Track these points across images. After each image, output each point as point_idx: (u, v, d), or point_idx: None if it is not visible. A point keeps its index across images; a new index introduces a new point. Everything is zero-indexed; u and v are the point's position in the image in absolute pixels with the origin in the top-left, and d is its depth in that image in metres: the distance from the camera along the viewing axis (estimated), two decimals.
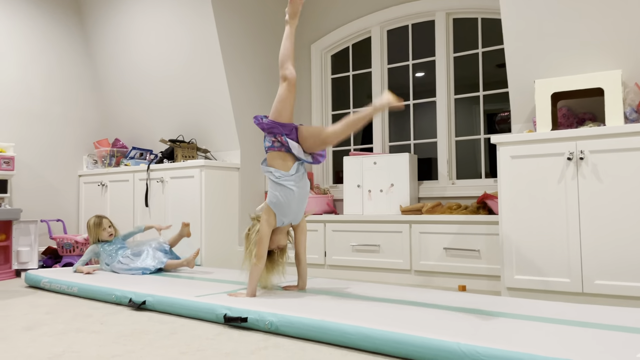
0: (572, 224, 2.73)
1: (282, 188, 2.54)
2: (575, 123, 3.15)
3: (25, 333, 2.19)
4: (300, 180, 2.58)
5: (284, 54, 2.65)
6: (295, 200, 2.58)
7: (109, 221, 3.80)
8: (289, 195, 2.55)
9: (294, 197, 2.56)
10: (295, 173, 2.55)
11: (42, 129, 4.82)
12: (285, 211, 2.57)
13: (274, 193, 2.56)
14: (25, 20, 4.75)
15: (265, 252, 2.56)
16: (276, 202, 2.56)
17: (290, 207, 2.57)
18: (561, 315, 2.07)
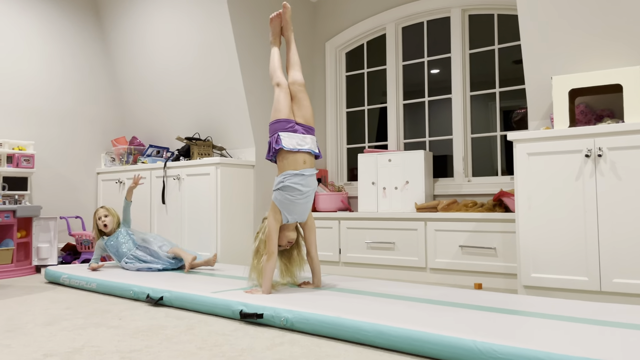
0: (590, 221, 2.71)
1: (286, 186, 2.57)
2: (593, 120, 3.11)
3: (46, 328, 2.23)
4: (306, 179, 2.60)
5: (271, 67, 2.84)
6: (301, 199, 2.61)
7: (105, 210, 3.73)
8: (294, 193, 2.57)
9: (300, 196, 2.59)
10: (301, 172, 2.60)
11: (61, 127, 4.89)
12: (290, 209, 2.60)
13: (279, 191, 2.60)
14: (44, 22, 4.81)
15: (275, 247, 2.58)
16: (281, 199, 2.59)
17: (296, 206, 2.60)
18: (579, 313, 2.05)
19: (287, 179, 2.58)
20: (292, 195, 2.58)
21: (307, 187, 2.61)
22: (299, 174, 2.58)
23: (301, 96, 2.74)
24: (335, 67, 4.98)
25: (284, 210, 2.60)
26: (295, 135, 2.64)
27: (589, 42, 3.04)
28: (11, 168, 4.29)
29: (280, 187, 2.58)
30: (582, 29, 3.04)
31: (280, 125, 2.65)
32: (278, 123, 2.66)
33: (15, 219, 4.02)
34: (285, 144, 2.60)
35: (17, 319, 2.41)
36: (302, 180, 2.59)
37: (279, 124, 2.66)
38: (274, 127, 2.68)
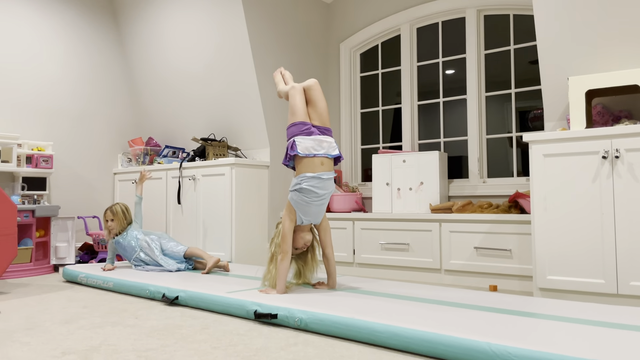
0: (607, 223, 2.68)
1: (302, 188, 2.58)
2: (610, 121, 3.08)
3: (64, 326, 2.26)
4: (323, 182, 2.60)
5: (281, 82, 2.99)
6: (317, 202, 2.61)
7: (110, 214, 3.69)
8: (310, 195, 2.58)
9: (316, 198, 2.60)
10: (318, 174, 2.60)
11: (79, 128, 4.96)
12: (305, 210, 2.61)
13: (296, 193, 2.61)
14: (63, 24, 4.88)
15: (289, 247, 2.59)
16: (297, 200, 2.60)
17: (311, 207, 2.61)
18: (595, 316, 2.03)
19: (304, 182, 2.58)
20: (308, 197, 2.58)
21: (323, 190, 2.61)
22: (316, 176, 2.58)
23: (316, 97, 2.74)
24: (349, 68, 4.98)
25: (299, 211, 2.61)
26: (311, 139, 2.63)
27: (606, 42, 3.01)
28: (30, 168, 4.36)
29: (297, 188, 2.59)
30: (599, 29, 3.01)
31: (297, 128, 2.66)
32: (294, 126, 2.67)
33: (34, 219, 4.09)
34: (301, 149, 2.59)
35: (36, 317, 2.45)
36: (319, 183, 2.59)
37: (295, 127, 2.67)
38: (290, 130, 2.69)
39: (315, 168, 2.59)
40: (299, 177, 2.61)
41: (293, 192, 2.62)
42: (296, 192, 2.60)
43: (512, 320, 1.97)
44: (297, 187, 2.59)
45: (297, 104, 2.72)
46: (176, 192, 4.55)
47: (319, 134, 2.67)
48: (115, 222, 3.68)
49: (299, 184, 2.59)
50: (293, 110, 2.72)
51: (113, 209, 3.73)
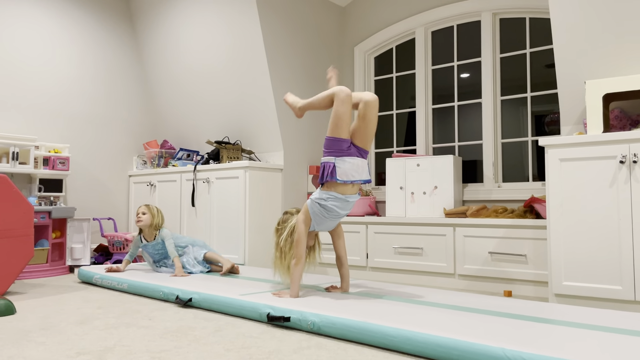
0: (625, 229, 2.64)
1: (325, 205, 2.56)
2: (628, 125, 3.04)
3: (79, 326, 2.28)
4: (347, 204, 2.58)
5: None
6: (335, 218, 2.63)
7: (145, 208, 3.63)
8: (331, 212, 2.58)
9: (335, 215, 2.60)
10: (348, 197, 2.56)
11: (95, 131, 5.01)
12: (321, 222, 2.62)
13: (318, 205, 2.57)
14: (79, 28, 4.95)
15: (303, 251, 2.59)
16: (317, 211, 2.59)
17: (327, 221, 2.63)
18: (612, 323, 2.00)
19: (329, 200, 2.54)
20: (328, 213, 2.58)
21: (345, 211, 2.60)
22: (344, 199, 2.55)
23: (371, 116, 2.55)
24: (364, 72, 4.98)
25: (315, 220, 2.61)
26: (350, 162, 2.50)
27: (624, 45, 2.98)
28: (47, 170, 4.42)
29: (321, 203, 2.55)
30: (616, 32, 2.98)
31: (338, 145, 2.50)
32: (336, 142, 2.51)
33: (50, 220, 4.14)
34: (339, 175, 2.48)
35: (52, 317, 2.48)
36: (343, 204, 2.56)
37: (337, 144, 2.51)
38: (330, 144, 2.53)
39: (346, 190, 2.54)
40: (326, 193, 2.54)
41: (315, 203, 2.58)
42: (318, 205, 2.57)
43: (526, 326, 1.95)
44: (321, 202, 2.55)
45: (345, 115, 2.51)
46: (190, 195, 4.57)
47: (358, 156, 2.54)
48: (147, 215, 3.59)
49: (324, 199, 2.54)
50: (339, 122, 2.51)
51: (150, 205, 3.68)
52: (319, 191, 2.59)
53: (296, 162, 4.57)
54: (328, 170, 2.50)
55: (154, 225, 3.60)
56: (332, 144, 2.52)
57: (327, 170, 2.50)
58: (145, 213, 3.61)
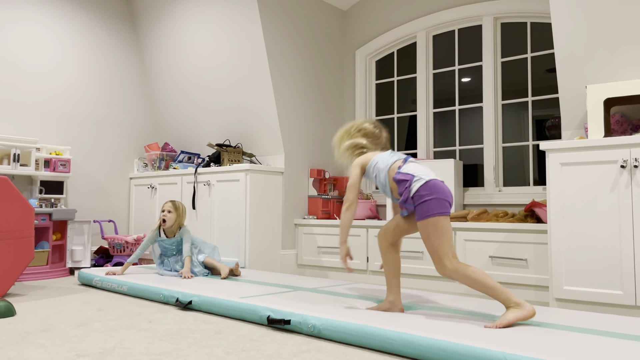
0: (626, 234, 2.64)
1: (378, 172, 2.32)
2: (629, 130, 3.04)
3: (79, 328, 2.28)
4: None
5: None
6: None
7: (171, 205, 3.57)
8: (385, 189, 2.34)
9: (378, 183, 2.37)
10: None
11: (96, 133, 5.02)
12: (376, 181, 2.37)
13: (376, 163, 2.33)
14: (81, 30, 4.96)
15: (356, 197, 2.36)
16: (380, 185, 2.34)
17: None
18: (612, 328, 2.00)
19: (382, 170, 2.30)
20: (380, 185, 2.35)
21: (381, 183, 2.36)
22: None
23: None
24: (365, 75, 4.99)
25: (372, 177, 2.36)
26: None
27: (625, 50, 2.98)
28: (48, 172, 4.42)
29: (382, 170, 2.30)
30: (617, 37, 2.98)
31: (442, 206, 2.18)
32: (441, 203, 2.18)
33: (51, 222, 4.14)
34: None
35: (51, 319, 2.48)
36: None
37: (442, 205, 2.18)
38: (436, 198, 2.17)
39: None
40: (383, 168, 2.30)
41: (375, 165, 2.33)
42: (374, 167, 2.33)
43: (527, 330, 1.95)
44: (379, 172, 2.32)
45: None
46: (191, 198, 4.57)
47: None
48: (172, 214, 3.54)
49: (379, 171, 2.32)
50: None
51: (176, 203, 3.61)
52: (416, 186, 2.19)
53: (297, 166, 4.57)
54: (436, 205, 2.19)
55: (177, 224, 3.58)
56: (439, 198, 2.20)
57: (435, 205, 2.19)
58: (170, 212, 3.56)
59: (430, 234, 2.15)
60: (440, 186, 2.19)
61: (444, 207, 2.16)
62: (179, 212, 3.60)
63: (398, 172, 2.24)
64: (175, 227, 3.58)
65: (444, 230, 2.14)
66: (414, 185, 2.17)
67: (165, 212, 3.57)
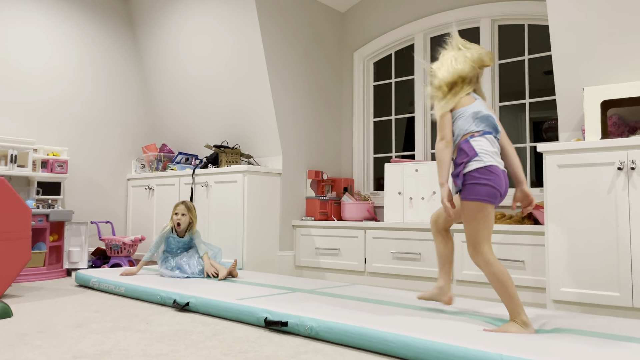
0: (623, 236, 2.64)
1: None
2: (626, 132, 3.05)
3: (75, 330, 2.27)
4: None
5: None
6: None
7: (185, 209, 3.64)
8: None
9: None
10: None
11: (94, 134, 5.01)
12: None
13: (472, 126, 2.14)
14: (78, 30, 4.95)
15: (451, 135, 2.13)
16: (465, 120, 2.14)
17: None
18: (609, 330, 2.00)
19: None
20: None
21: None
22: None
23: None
24: (363, 77, 4.99)
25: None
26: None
27: (622, 52, 2.99)
28: (45, 173, 4.41)
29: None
30: (614, 39, 2.99)
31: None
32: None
33: (48, 223, 4.13)
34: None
35: (48, 320, 2.47)
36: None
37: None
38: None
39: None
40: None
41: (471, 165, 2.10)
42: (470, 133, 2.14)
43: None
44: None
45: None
46: (189, 199, 4.57)
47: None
48: (186, 217, 3.64)
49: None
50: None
51: (188, 204, 3.69)
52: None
53: (295, 167, 4.57)
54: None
55: (190, 226, 3.68)
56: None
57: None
58: (184, 214, 3.65)
59: (472, 217, 2.06)
60: (498, 174, 2.06)
61: (493, 196, 2.05)
62: (192, 213, 3.71)
63: (466, 141, 2.11)
64: (187, 227, 3.69)
65: (486, 218, 2.06)
66: (472, 164, 2.06)
67: (180, 215, 3.65)
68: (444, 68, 2.27)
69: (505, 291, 2.00)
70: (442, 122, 2.15)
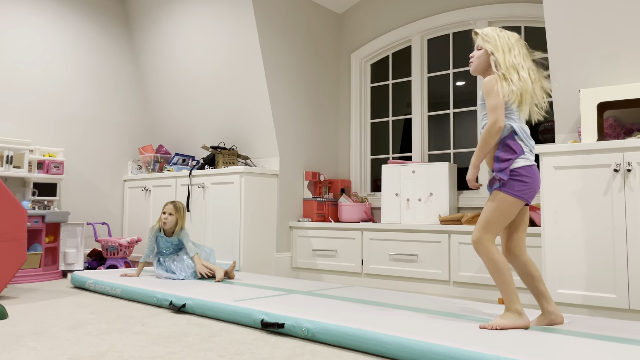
0: (619, 237, 2.65)
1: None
2: (622, 134, 3.06)
3: (71, 332, 2.26)
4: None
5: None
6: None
7: (172, 208, 3.64)
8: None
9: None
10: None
11: (90, 135, 5.00)
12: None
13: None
14: (75, 31, 4.94)
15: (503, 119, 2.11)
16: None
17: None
18: (605, 331, 2.01)
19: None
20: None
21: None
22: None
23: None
24: (360, 78, 4.99)
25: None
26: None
27: (618, 54, 3.00)
28: (41, 174, 4.39)
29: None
30: (611, 41, 3.00)
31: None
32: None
33: (43, 224, 4.11)
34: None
35: (44, 322, 2.46)
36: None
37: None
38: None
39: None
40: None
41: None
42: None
43: (520, 333, 1.95)
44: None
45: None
46: (185, 200, 4.56)
47: None
48: (173, 217, 3.63)
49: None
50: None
51: (177, 204, 3.69)
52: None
53: (292, 168, 4.56)
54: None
55: (178, 225, 3.66)
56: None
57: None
58: (172, 214, 3.64)
59: (501, 208, 2.10)
60: (537, 176, 2.16)
61: (530, 196, 2.12)
62: (180, 213, 3.69)
63: (512, 138, 2.14)
64: (175, 228, 3.66)
65: (513, 214, 2.12)
66: (519, 161, 2.11)
67: (167, 214, 3.64)
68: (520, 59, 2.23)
69: (503, 279, 2.07)
70: (500, 104, 2.11)
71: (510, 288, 2.07)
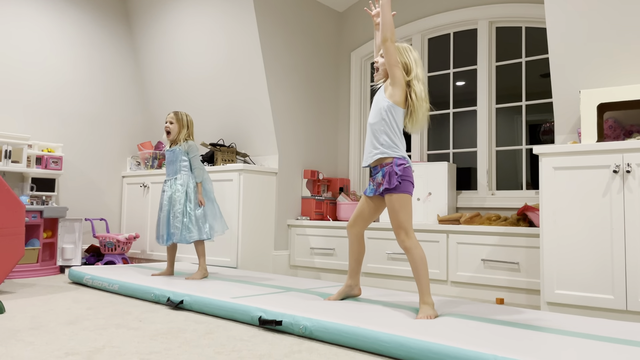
0: (617, 238, 2.65)
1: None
2: (622, 135, 3.06)
3: (68, 327, 2.26)
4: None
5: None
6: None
7: (173, 117, 3.46)
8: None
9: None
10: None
11: (89, 130, 4.99)
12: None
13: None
14: (76, 28, 4.93)
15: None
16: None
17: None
18: (603, 332, 2.01)
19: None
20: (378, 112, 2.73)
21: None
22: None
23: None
24: (360, 77, 4.99)
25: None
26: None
27: (619, 56, 3.00)
28: (40, 169, 4.39)
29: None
30: (611, 43, 3.00)
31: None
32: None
33: (42, 220, 4.11)
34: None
35: (41, 317, 2.45)
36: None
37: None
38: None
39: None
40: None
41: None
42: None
43: (518, 334, 1.95)
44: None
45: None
46: None
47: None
48: (175, 126, 3.45)
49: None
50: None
51: (179, 113, 3.51)
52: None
53: (291, 166, 4.56)
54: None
55: (182, 136, 3.46)
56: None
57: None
58: (172, 123, 3.47)
59: (404, 207, 2.39)
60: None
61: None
62: (182, 123, 3.47)
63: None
64: (179, 138, 3.47)
65: (411, 208, 2.43)
66: (406, 164, 2.61)
67: (167, 123, 3.47)
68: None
69: (425, 273, 2.31)
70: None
71: (427, 281, 2.31)
